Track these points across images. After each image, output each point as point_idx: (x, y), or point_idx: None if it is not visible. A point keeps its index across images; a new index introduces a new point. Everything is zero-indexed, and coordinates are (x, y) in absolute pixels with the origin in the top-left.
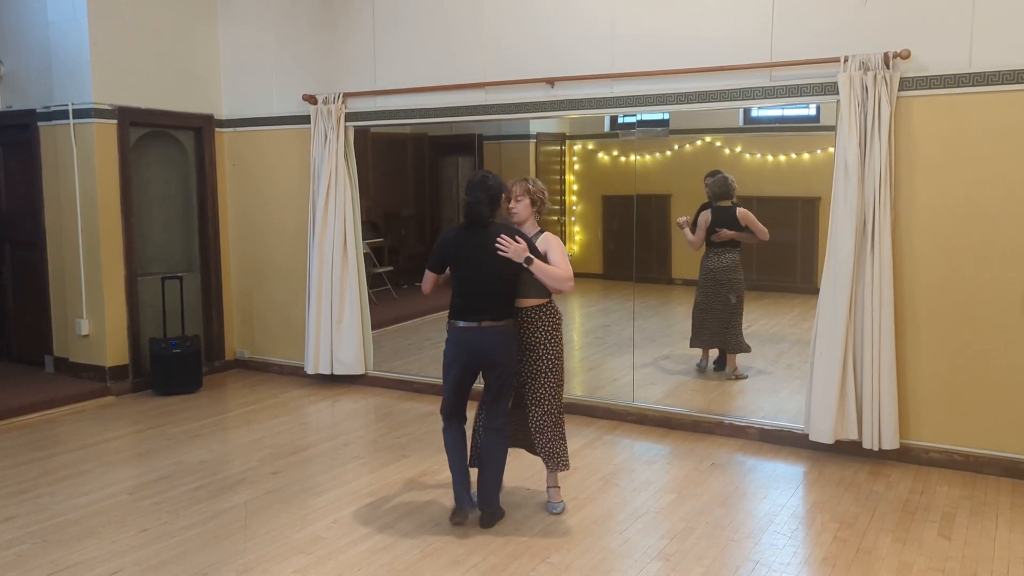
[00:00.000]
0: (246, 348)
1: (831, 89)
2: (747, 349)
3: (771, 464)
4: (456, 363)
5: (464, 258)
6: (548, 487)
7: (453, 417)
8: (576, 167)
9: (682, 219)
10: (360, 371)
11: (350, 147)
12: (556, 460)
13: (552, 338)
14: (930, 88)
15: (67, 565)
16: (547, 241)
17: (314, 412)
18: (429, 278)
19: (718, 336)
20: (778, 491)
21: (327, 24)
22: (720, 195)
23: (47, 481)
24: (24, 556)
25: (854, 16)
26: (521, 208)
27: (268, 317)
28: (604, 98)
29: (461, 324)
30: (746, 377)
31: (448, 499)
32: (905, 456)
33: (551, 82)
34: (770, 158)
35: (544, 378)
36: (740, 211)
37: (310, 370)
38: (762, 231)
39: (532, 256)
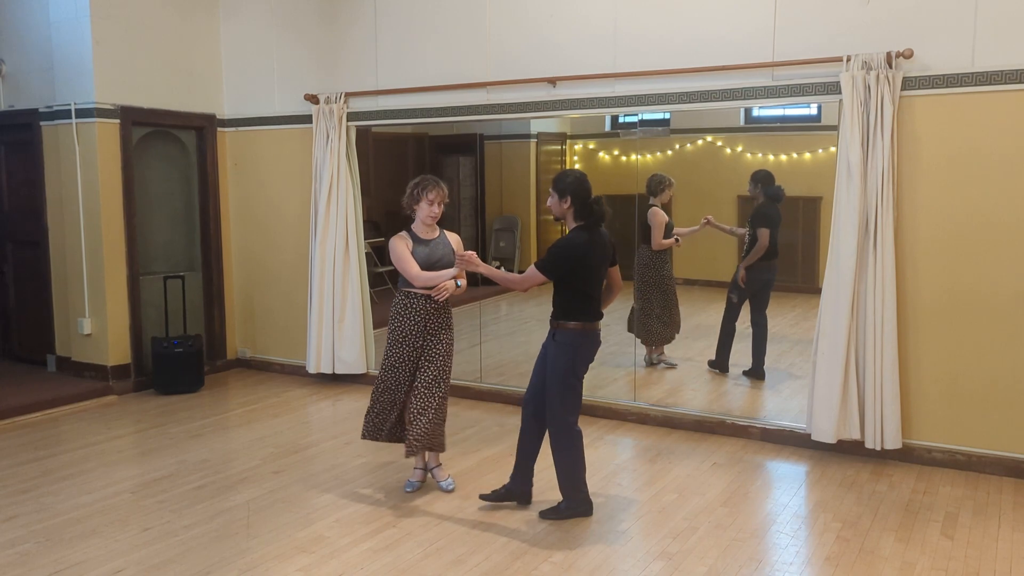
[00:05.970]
0: (248, 347)
1: (833, 89)
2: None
3: (773, 464)
4: (588, 362)
5: (593, 258)
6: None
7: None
8: (577, 167)
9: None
10: (362, 370)
11: (352, 146)
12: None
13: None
14: (933, 88)
15: (70, 564)
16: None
17: (316, 411)
18: (537, 280)
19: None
20: (780, 491)
21: (329, 24)
22: (650, 193)
23: (49, 480)
24: (27, 555)
25: (856, 15)
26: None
27: (270, 316)
28: (606, 97)
29: (597, 324)
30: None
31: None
32: (907, 456)
33: (553, 81)
34: (771, 157)
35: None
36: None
37: (312, 369)
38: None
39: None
